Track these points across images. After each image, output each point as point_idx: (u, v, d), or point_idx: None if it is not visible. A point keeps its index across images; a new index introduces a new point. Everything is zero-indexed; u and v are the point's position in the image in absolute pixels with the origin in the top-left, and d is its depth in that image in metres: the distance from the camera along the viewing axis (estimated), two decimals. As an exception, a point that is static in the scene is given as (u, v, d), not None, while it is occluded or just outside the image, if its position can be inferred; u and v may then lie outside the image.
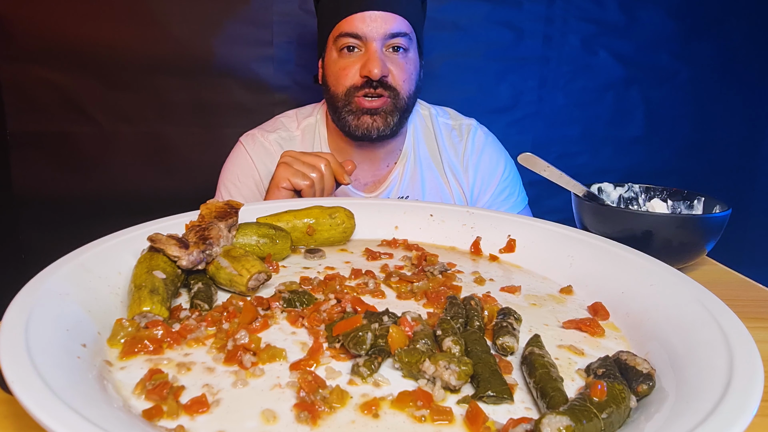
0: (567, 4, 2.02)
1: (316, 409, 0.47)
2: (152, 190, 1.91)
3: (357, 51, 1.27)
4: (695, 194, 1.04)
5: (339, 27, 1.26)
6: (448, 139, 1.46)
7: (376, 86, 1.26)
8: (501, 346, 0.58)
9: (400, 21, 1.26)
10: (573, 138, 2.16)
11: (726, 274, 1.01)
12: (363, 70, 1.25)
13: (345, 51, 1.27)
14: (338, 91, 1.29)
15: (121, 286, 0.67)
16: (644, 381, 0.51)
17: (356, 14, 1.24)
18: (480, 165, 1.44)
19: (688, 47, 2.15)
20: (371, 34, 1.24)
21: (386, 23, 1.24)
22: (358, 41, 1.25)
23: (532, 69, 2.06)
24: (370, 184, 1.42)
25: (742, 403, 0.42)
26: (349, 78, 1.27)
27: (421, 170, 1.42)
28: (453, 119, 1.49)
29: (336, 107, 1.31)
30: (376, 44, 1.24)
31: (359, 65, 1.26)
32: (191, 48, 1.83)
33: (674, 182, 1.13)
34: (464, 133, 1.46)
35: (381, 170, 1.43)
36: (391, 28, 1.25)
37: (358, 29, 1.24)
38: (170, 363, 0.54)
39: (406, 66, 1.29)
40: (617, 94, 2.15)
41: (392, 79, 1.27)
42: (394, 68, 1.27)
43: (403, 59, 1.29)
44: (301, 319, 0.63)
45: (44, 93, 1.80)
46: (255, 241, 0.80)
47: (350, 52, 1.27)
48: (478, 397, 0.50)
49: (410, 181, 1.42)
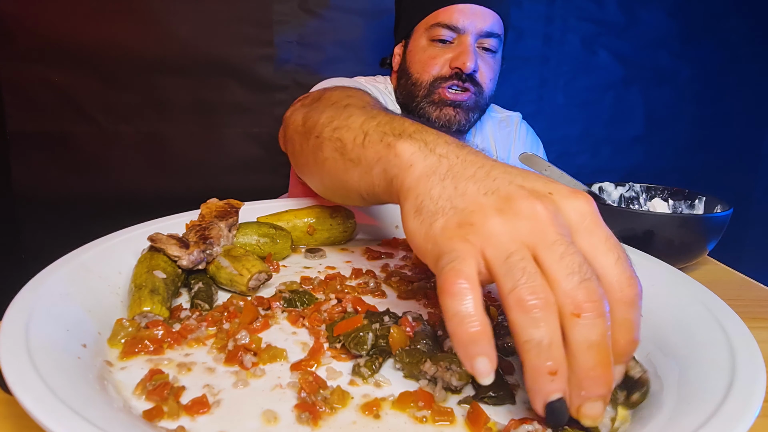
0: (567, 4, 2.02)
1: (317, 410, 0.47)
2: (152, 190, 1.92)
3: (449, 43, 1.27)
4: (696, 194, 1.04)
5: (435, 15, 1.26)
6: (498, 130, 1.54)
7: (464, 80, 1.26)
8: (502, 346, 0.58)
9: (496, 21, 1.28)
10: (573, 138, 2.16)
11: (727, 273, 1.01)
12: (455, 62, 1.25)
13: (437, 42, 1.27)
14: (423, 78, 1.29)
15: (122, 285, 0.66)
16: (637, 389, 0.50)
17: (457, 5, 1.25)
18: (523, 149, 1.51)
19: (688, 47, 2.15)
20: (469, 28, 1.25)
21: (484, 20, 1.26)
22: (453, 33, 1.26)
23: (532, 68, 2.07)
24: None
25: (744, 404, 0.42)
26: (437, 68, 1.27)
27: None
28: (500, 112, 1.56)
29: (415, 95, 1.31)
30: (471, 38, 1.25)
31: (450, 56, 1.26)
32: (191, 48, 1.83)
33: (674, 182, 1.13)
34: (512, 124, 1.54)
35: None
36: (488, 27, 1.26)
37: (457, 21, 1.25)
38: (171, 363, 0.54)
39: (494, 66, 1.32)
40: (617, 94, 2.16)
41: (480, 76, 1.29)
42: (483, 65, 1.30)
43: (491, 59, 1.31)
44: (302, 319, 0.63)
45: (44, 93, 1.80)
46: (255, 240, 0.80)
47: (443, 44, 1.27)
48: (479, 398, 0.50)
49: None
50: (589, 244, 0.42)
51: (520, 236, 0.40)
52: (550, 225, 0.40)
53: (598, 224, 0.43)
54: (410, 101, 1.33)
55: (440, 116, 1.29)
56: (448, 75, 1.27)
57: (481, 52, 1.29)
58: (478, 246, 0.41)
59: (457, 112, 1.29)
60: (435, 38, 1.27)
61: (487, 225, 0.41)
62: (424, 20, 1.29)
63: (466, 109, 1.30)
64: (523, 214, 0.41)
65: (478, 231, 0.41)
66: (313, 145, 0.69)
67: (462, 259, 0.40)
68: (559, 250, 0.39)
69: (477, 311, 0.39)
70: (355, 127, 0.60)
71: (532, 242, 0.40)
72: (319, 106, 0.73)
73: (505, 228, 0.40)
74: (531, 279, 0.38)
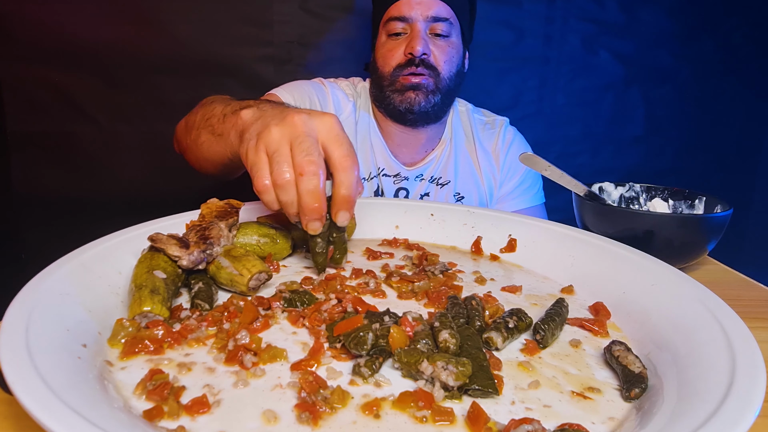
0: (567, 4, 2.01)
1: (317, 410, 0.47)
2: (152, 190, 1.91)
3: (403, 34, 1.39)
4: (696, 194, 1.04)
5: (388, 12, 1.40)
6: (482, 132, 1.58)
7: (418, 64, 1.36)
8: (485, 339, 0.59)
9: (442, 6, 1.38)
10: (573, 138, 2.16)
11: (727, 273, 1.01)
12: (408, 49, 1.36)
13: (393, 35, 1.39)
14: (385, 71, 1.41)
15: (122, 286, 0.66)
16: (636, 384, 0.52)
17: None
18: (508, 156, 1.55)
19: (689, 46, 2.15)
20: (415, 16, 1.36)
21: (429, 8, 1.36)
22: (404, 24, 1.38)
23: (532, 69, 2.06)
24: (409, 163, 1.52)
25: (744, 404, 0.42)
26: (395, 58, 1.39)
27: (455, 156, 1.53)
28: (487, 116, 1.62)
29: (382, 86, 1.42)
30: (420, 26, 1.36)
31: (405, 45, 1.37)
32: (191, 48, 1.83)
33: (674, 182, 1.13)
34: (497, 127, 1.58)
35: (420, 154, 1.52)
36: (434, 12, 1.36)
37: (405, 12, 1.37)
38: (171, 363, 0.54)
39: (447, 50, 1.40)
40: (617, 94, 2.15)
41: (433, 59, 1.38)
42: (436, 50, 1.38)
43: (444, 42, 1.40)
44: (302, 319, 0.63)
45: (44, 93, 1.80)
46: (256, 240, 0.80)
47: (398, 36, 1.39)
48: (464, 390, 0.50)
49: (445, 165, 1.51)
50: (329, 143, 0.71)
51: (284, 136, 0.70)
52: (301, 128, 0.70)
53: (339, 135, 0.71)
54: (380, 92, 1.43)
55: (403, 100, 1.39)
56: (404, 62, 1.37)
57: (433, 38, 1.39)
58: (263, 149, 0.71)
59: (416, 94, 1.38)
60: (391, 32, 1.39)
61: (266, 134, 0.71)
62: (382, 19, 1.42)
63: (426, 92, 1.38)
64: (287, 123, 0.70)
65: (262, 138, 0.71)
66: (194, 136, 1.01)
67: (259, 167, 0.71)
68: (301, 142, 0.69)
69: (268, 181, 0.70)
70: (218, 113, 0.91)
71: (289, 139, 0.70)
72: (194, 111, 1.06)
73: (275, 134, 0.70)
74: (284, 162, 0.69)
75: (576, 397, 0.52)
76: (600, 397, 0.52)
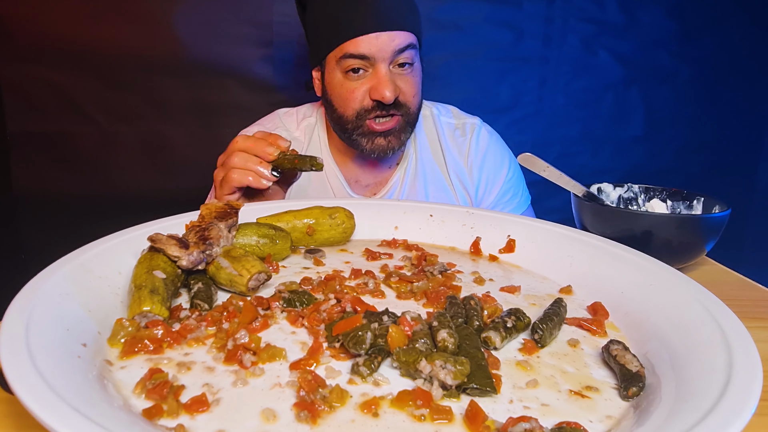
0: (567, 4, 2.02)
1: (316, 409, 0.47)
2: (152, 190, 1.92)
3: (363, 72, 1.21)
4: (695, 194, 1.04)
5: (343, 48, 1.20)
6: (451, 139, 1.42)
7: (388, 108, 1.22)
8: (483, 339, 0.59)
9: (405, 36, 1.21)
10: (573, 138, 2.16)
11: (725, 274, 1.01)
12: (374, 94, 1.20)
13: (351, 73, 1.22)
14: (347, 114, 1.25)
15: (121, 286, 0.67)
16: (634, 383, 0.52)
17: (361, 36, 1.18)
18: (484, 166, 1.41)
19: (688, 47, 2.15)
20: (380, 55, 1.19)
21: (393, 41, 1.19)
22: (364, 62, 1.20)
23: (532, 69, 2.06)
24: (372, 185, 1.40)
25: (740, 402, 0.42)
26: (358, 101, 1.22)
27: (424, 173, 1.39)
28: (456, 118, 1.45)
29: (345, 128, 1.27)
30: (384, 66, 1.20)
31: (368, 87, 1.21)
32: (191, 48, 1.83)
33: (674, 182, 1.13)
34: (468, 132, 1.42)
35: (382, 172, 1.40)
36: (399, 44, 1.19)
37: (365, 50, 1.18)
38: (170, 362, 0.54)
39: (413, 80, 1.26)
40: (617, 94, 2.15)
41: (403, 97, 1.23)
42: (404, 85, 1.23)
43: (410, 73, 1.25)
44: (301, 319, 0.63)
45: (44, 93, 1.81)
46: (255, 241, 0.80)
47: (356, 74, 1.21)
48: (461, 389, 0.50)
49: (411, 185, 1.39)
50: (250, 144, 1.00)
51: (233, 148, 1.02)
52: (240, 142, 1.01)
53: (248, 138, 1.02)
54: (343, 133, 1.29)
55: (373, 147, 1.26)
56: (371, 106, 1.22)
57: (398, 71, 1.23)
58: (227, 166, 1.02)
59: (389, 140, 1.26)
60: (348, 69, 1.21)
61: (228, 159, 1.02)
62: (334, 52, 1.23)
63: (398, 134, 1.26)
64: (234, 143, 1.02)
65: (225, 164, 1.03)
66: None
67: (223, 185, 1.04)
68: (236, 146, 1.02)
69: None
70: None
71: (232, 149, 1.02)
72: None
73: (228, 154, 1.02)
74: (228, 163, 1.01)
75: (574, 396, 0.52)
76: (598, 396, 0.52)
